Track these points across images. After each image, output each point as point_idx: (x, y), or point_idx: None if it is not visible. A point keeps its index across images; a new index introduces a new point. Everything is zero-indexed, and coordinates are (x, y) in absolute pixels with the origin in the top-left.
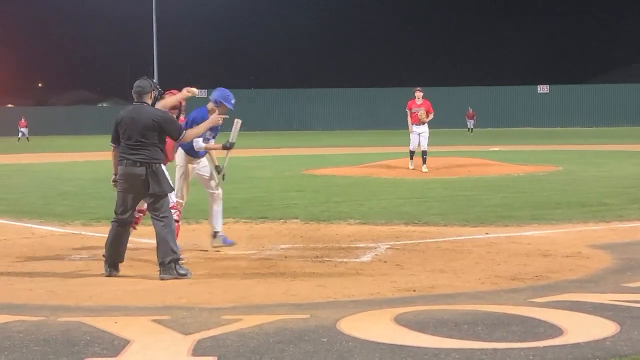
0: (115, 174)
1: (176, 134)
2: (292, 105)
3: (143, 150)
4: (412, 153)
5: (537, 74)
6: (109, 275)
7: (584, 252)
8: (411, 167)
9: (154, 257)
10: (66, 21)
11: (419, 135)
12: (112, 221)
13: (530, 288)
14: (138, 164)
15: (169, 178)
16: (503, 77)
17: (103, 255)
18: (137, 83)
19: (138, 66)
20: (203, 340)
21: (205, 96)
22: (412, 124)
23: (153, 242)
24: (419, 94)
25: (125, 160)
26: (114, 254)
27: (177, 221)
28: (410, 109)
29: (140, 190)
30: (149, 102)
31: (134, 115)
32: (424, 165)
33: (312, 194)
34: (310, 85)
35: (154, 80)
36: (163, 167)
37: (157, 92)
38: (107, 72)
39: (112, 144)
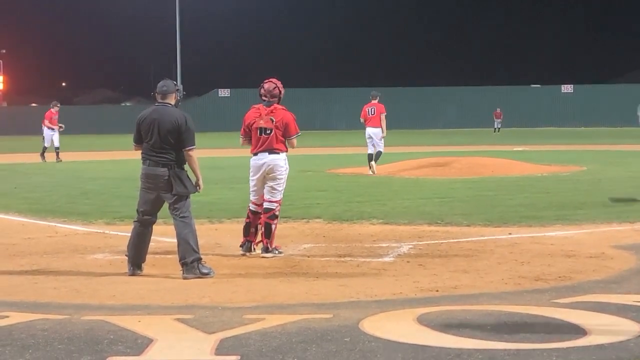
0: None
1: (188, 143)
2: (314, 104)
3: (165, 151)
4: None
5: (561, 74)
6: (132, 275)
7: (607, 252)
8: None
9: (176, 256)
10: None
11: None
12: (134, 221)
13: (554, 289)
14: (161, 164)
15: (191, 179)
16: (528, 76)
17: (126, 255)
18: (161, 83)
19: (161, 65)
20: (226, 340)
21: (228, 95)
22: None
23: (174, 240)
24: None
25: (148, 161)
26: (137, 254)
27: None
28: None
29: (163, 190)
30: (172, 102)
31: (157, 116)
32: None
33: (335, 193)
34: (332, 84)
35: (176, 83)
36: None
37: (179, 94)
38: (130, 71)
39: (135, 144)
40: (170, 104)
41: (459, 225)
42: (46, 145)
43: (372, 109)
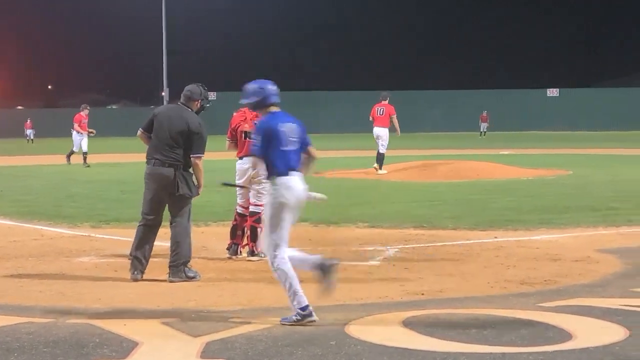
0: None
1: (196, 150)
2: (302, 107)
3: (172, 150)
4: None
5: (547, 78)
6: (135, 280)
7: (593, 256)
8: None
9: (163, 259)
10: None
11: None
12: (139, 223)
13: (539, 292)
14: (167, 164)
15: (194, 182)
16: (513, 80)
17: (129, 258)
18: (188, 87)
19: (148, 69)
20: (212, 343)
21: (214, 99)
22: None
23: (163, 244)
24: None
25: (154, 160)
26: (140, 257)
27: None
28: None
29: (168, 191)
30: (194, 109)
31: (172, 114)
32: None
33: None
34: (321, 87)
35: (206, 91)
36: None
37: (205, 103)
38: (116, 74)
39: (141, 130)
40: (190, 109)
41: (445, 228)
42: (74, 149)
43: (382, 110)
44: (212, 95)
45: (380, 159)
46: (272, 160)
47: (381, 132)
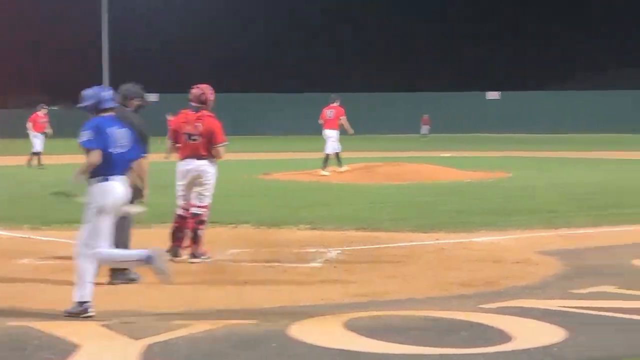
0: None
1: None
2: (246, 109)
3: None
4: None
5: (487, 81)
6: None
7: (533, 258)
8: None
9: None
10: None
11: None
12: None
13: (480, 294)
14: None
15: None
16: (454, 83)
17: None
18: (124, 86)
19: (89, 68)
20: (153, 345)
21: (157, 100)
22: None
23: None
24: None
25: None
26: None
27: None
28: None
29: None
30: (132, 108)
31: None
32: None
33: (264, 198)
34: (264, 89)
35: (142, 90)
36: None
37: (142, 101)
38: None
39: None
40: (128, 108)
41: (387, 230)
42: (35, 150)
43: (331, 112)
44: (154, 97)
45: (326, 160)
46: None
47: (330, 134)
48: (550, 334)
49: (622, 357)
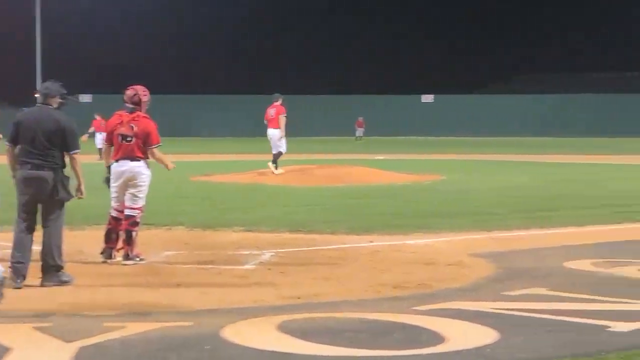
0: (14, 176)
1: (74, 147)
2: (176, 110)
3: (50, 153)
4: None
5: (422, 84)
6: (18, 288)
7: (465, 260)
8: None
9: (36, 263)
10: None
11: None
12: (15, 230)
13: (413, 296)
14: (46, 168)
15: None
16: (389, 86)
17: (10, 266)
18: (45, 84)
19: (22, 68)
20: (85, 348)
21: (90, 101)
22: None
23: (36, 247)
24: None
25: (29, 164)
26: (23, 262)
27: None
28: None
29: (44, 195)
30: (55, 105)
31: (39, 117)
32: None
33: (198, 200)
34: (195, 91)
35: (62, 87)
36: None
37: (63, 99)
38: None
39: (8, 144)
40: (51, 106)
41: (321, 233)
42: None
43: (273, 111)
44: (87, 97)
45: (275, 158)
46: None
47: (273, 133)
48: (483, 336)
49: (552, 358)
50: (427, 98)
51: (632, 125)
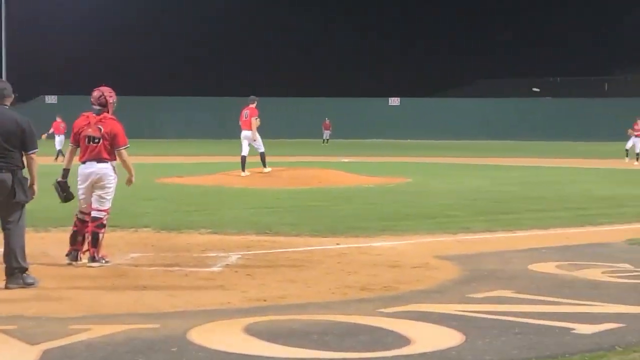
0: None
1: (32, 147)
2: (143, 112)
3: (8, 154)
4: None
5: (389, 87)
6: None
7: (431, 263)
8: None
9: (0, 266)
10: None
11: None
12: None
13: (379, 298)
14: (4, 170)
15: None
16: (356, 88)
17: None
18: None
19: None
20: (50, 351)
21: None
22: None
23: None
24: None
25: None
26: None
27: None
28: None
29: (4, 197)
30: (9, 105)
31: None
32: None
33: (164, 202)
34: (159, 92)
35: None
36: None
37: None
38: None
39: None
40: (7, 106)
41: (287, 235)
42: None
43: (247, 113)
44: (53, 99)
45: (262, 159)
46: None
47: (246, 135)
48: (449, 338)
49: None
50: (394, 101)
51: (593, 130)
